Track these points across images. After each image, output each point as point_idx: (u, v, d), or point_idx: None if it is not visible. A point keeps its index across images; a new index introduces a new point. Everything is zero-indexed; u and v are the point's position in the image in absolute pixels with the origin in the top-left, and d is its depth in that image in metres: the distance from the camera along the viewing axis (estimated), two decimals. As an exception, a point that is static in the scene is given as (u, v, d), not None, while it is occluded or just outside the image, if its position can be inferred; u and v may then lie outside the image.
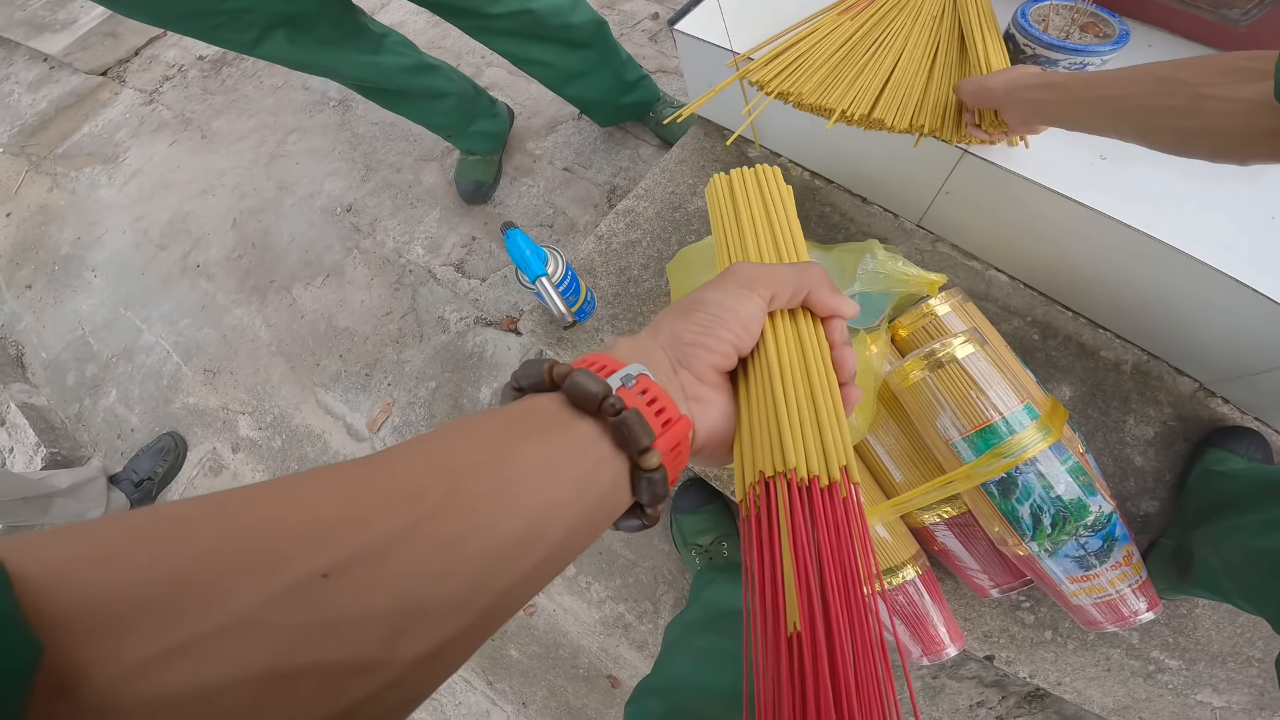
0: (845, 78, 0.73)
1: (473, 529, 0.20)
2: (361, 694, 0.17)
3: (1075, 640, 0.82)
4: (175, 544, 0.16)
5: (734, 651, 0.74)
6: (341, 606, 0.17)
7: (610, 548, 1.15)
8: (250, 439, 1.33)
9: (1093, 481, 0.67)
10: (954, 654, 0.76)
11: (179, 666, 0.15)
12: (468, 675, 1.18)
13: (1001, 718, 0.98)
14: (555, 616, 1.17)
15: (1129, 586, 0.68)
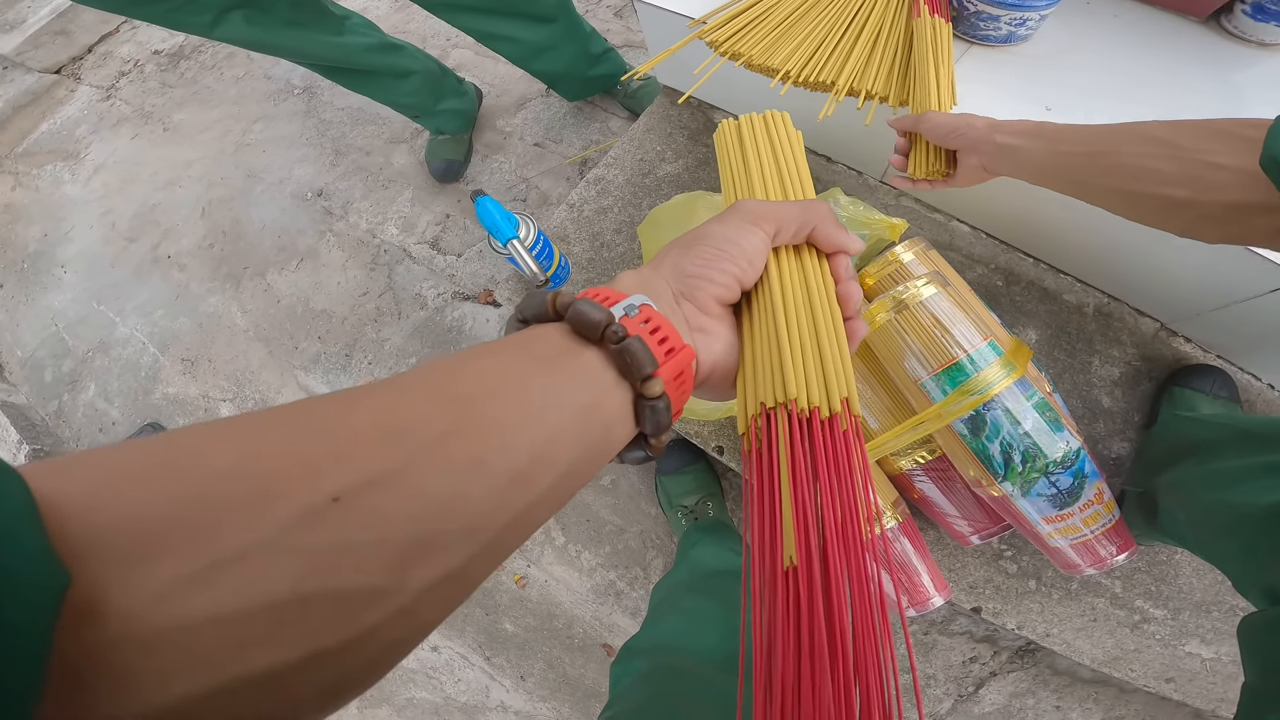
0: (794, 40, 0.73)
1: (480, 456, 0.20)
2: (373, 620, 0.17)
3: (1059, 590, 0.84)
4: (194, 470, 0.16)
5: (720, 612, 0.74)
6: (353, 531, 0.17)
7: (598, 514, 1.15)
8: None
9: (1059, 417, 0.69)
10: (940, 604, 0.77)
11: (200, 593, 0.15)
12: (465, 651, 1.19)
13: (995, 673, 0.99)
14: (548, 588, 1.18)
15: (1103, 526, 0.69)
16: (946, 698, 1.00)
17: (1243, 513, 0.57)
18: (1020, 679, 0.98)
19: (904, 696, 0.66)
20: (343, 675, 0.17)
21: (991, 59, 0.77)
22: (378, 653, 0.18)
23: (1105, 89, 0.75)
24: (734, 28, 0.77)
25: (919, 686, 1.01)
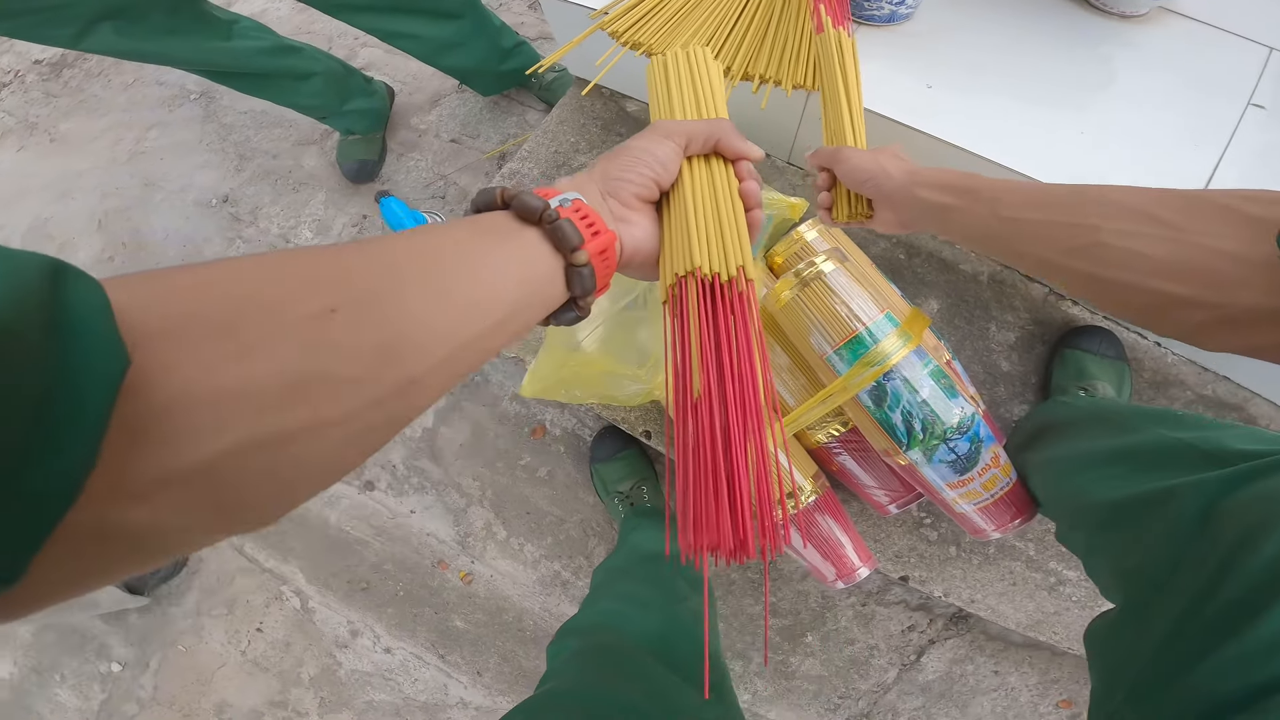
0: (690, 28, 0.74)
1: (446, 289, 0.27)
2: (356, 404, 0.22)
3: (979, 555, 0.88)
4: (227, 284, 0.21)
5: (655, 597, 0.76)
6: (344, 334, 0.22)
7: (537, 506, 1.16)
8: None
9: (954, 384, 0.72)
10: (865, 574, 0.80)
11: (231, 369, 0.19)
12: (418, 651, 1.19)
13: (933, 640, 1.05)
14: (494, 582, 1.18)
15: (1002, 489, 0.73)
16: (891, 667, 1.06)
17: (1083, 504, 0.60)
18: (957, 645, 1.04)
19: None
20: (334, 446, 0.22)
21: (876, 39, 0.80)
22: (360, 431, 0.23)
23: (984, 65, 0.78)
24: (633, 18, 0.77)
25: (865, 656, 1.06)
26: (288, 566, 1.25)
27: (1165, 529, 0.46)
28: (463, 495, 1.19)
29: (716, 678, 0.66)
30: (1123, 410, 0.69)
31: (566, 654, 0.66)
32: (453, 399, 1.19)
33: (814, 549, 0.83)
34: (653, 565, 0.87)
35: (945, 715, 1.05)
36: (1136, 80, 0.77)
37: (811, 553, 0.83)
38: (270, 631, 1.24)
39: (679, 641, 0.67)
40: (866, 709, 1.07)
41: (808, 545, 0.82)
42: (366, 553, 1.23)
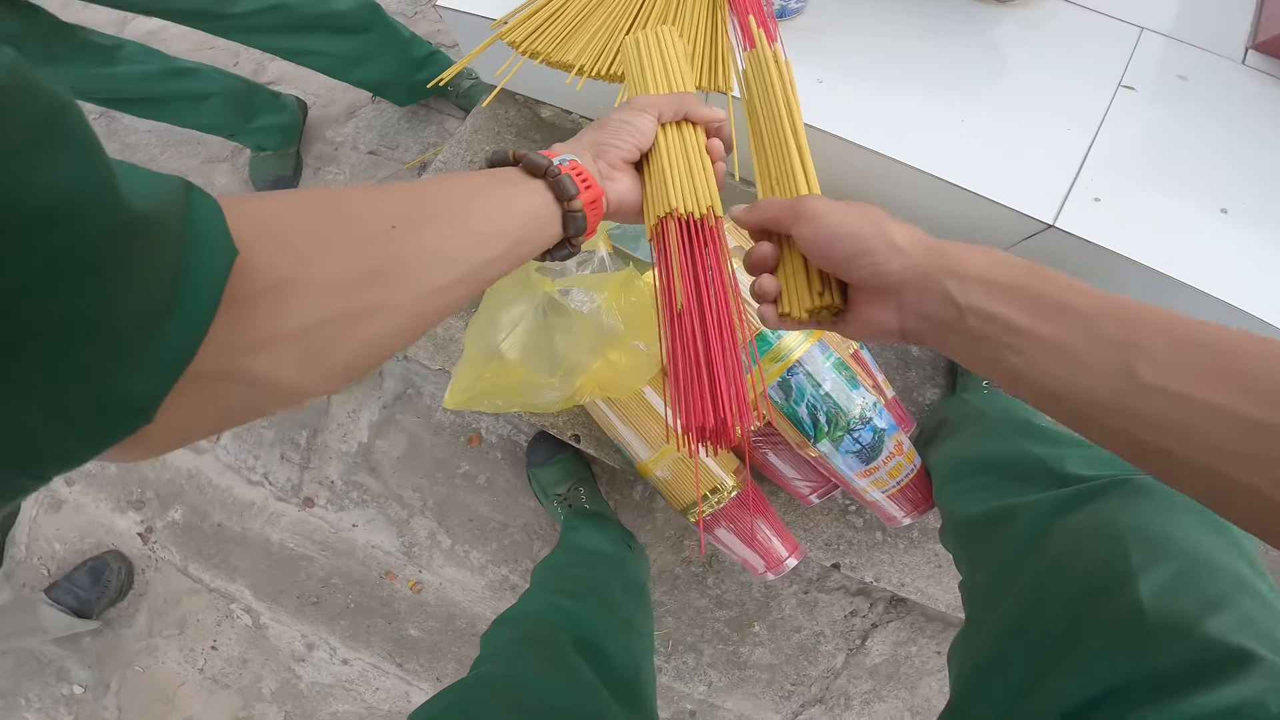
0: (585, 35, 0.74)
1: (467, 219, 0.34)
2: (407, 296, 0.30)
3: (904, 539, 0.91)
4: (318, 207, 0.30)
5: (590, 599, 0.78)
6: (401, 245, 0.30)
7: (479, 513, 1.17)
8: (84, 470, 1.27)
9: (856, 375, 0.76)
10: (794, 564, 0.84)
11: (321, 262, 0.27)
12: (375, 661, 1.20)
13: (875, 624, 1.09)
14: (443, 590, 1.19)
15: (907, 476, 0.77)
16: (838, 652, 1.10)
17: (950, 513, 0.65)
18: (899, 628, 1.09)
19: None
20: (392, 326, 0.30)
21: (769, 39, 0.81)
22: (410, 317, 0.31)
23: (874, 56, 0.80)
24: (530, 26, 0.77)
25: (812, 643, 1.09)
26: (234, 585, 1.25)
27: (1004, 548, 0.51)
28: (404, 506, 1.19)
29: (642, 693, 0.68)
30: (999, 412, 0.74)
31: (499, 641, 0.68)
32: (386, 412, 1.19)
33: (740, 541, 0.85)
34: (590, 565, 0.89)
35: (895, 697, 1.10)
36: (1015, 65, 0.80)
37: (738, 545, 0.85)
38: (225, 649, 1.24)
39: (609, 648, 0.69)
40: (819, 694, 1.11)
41: (733, 538, 0.84)
42: (312, 568, 1.23)
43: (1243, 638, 0.34)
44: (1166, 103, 0.77)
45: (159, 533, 1.26)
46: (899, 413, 0.84)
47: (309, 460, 1.21)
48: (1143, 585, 0.38)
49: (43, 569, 1.28)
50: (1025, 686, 0.39)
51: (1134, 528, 0.42)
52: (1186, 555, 0.39)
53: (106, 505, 1.28)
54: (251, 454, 1.23)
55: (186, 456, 1.26)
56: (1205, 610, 0.35)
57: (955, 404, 0.82)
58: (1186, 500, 0.39)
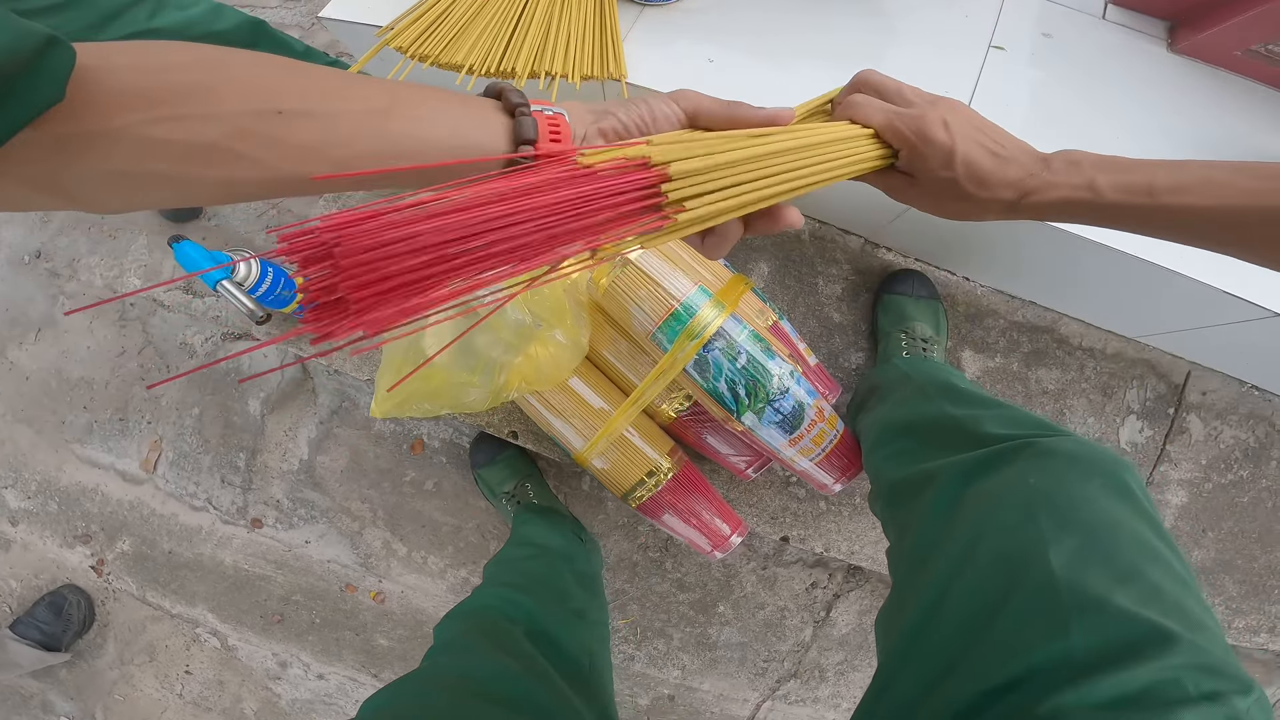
0: (473, 35, 0.73)
1: (386, 118, 0.32)
2: (251, 176, 0.30)
3: (847, 506, 0.92)
4: (186, 72, 0.29)
5: (542, 591, 0.78)
6: (276, 133, 0.29)
7: (431, 518, 1.16)
8: (25, 509, 1.26)
9: (771, 347, 0.76)
10: (738, 541, 0.84)
11: (170, 125, 0.27)
12: (350, 674, 1.22)
13: (837, 594, 1.10)
14: (406, 597, 1.19)
15: (831, 442, 0.77)
16: (805, 626, 1.11)
17: (877, 478, 0.65)
18: (860, 596, 1.10)
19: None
20: (214, 191, 0.30)
21: (656, 19, 0.80)
22: (248, 188, 0.31)
23: (760, 31, 0.80)
24: (417, 30, 0.76)
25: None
26: (195, 610, 1.25)
27: (923, 515, 0.51)
28: (354, 519, 1.18)
29: (597, 680, 0.69)
30: (923, 375, 0.74)
31: (453, 633, 0.68)
32: (324, 427, 1.17)
33: (681, 521, 0.86)
34: (540, 558, 0.89)
35: (869, 665, 1.12)
36: (893, 32, 0.80)
37: (681, 525, 0.86)
38: (199, 672, 1.25)
39: (561, 637, 0.69)
40: (793, 669, 1.13)
41: (675, 521, 0.85)
42: (272, 587, 1.22)
43: (1154, 612, 0.34)
44: (1036, 62, 0.78)
45: (110, 564, 1.26)
46: (823, 378, 0.84)
47: (250, 482, 1.20)
48: (1053, 556, 0.38)
49: (3, 606, 1.28)
50: (948, 663, 0.39)
51: (1043, 493, 0.42)
52: (1094, 523, 0.39)
53: (53, 541, 1.27)
54: (191, 480, 1.22)
55: (124, 487, 1.24)
56: (1116, 582, 0.36)
57: (884, 370, 0.83)
58: (1092, 462, 0.44)
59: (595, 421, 0.84)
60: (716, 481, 0.93)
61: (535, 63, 0.73)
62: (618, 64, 0.75)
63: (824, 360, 0.92)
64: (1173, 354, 0.95)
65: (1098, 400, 0.93)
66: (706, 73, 0.77)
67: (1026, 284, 0.90)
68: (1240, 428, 0.96)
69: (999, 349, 0.93)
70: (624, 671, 1.14)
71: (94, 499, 1.25)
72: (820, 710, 1.14)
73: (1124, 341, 0.94)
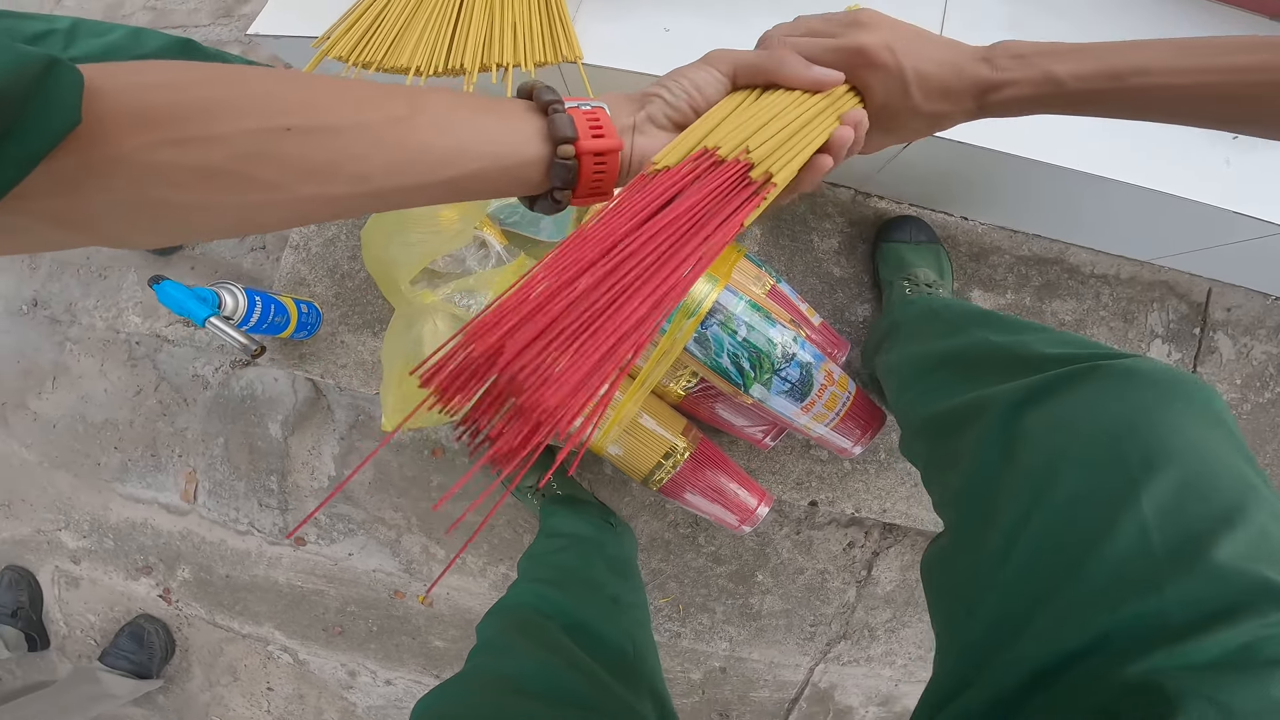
0: (413, 35, 0.71)
1: (410, 131, 0.31)
2: (259, 199, 0.29)
3: (873, 463, 0.90)
4: (184, 91, 0.27)
5: (575, 570, 0.80)
6: (286, 151, 0.28)
7: (465, 519, 1.18)
8: (83, 548, 1.32)
9: (770, 315, 0.73)
10: (765, 513, 0.84)
11: (173, 150, 0.26)
12: (415, 677, 1.27)
13: (876, 552, 1.08)
14: (452, 599, 1.23)
15: (845, 404, 0.75)
16: (847, 587, 1.10)
17: (915, 416, 0.60)
18: (900, 552, 1.08)
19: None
20: (228, 223, 0.30)
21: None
22: (254, 217, 0.30)
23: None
24: (354, 37, 0.74)
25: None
26: (263, 628, 1.31)
27: (976, 449, 0.45)
28: (390, 528, 1.21)
29: (643, 665, 0.69)
30: (953, 309, 0.70)
31: (492, 631, 0.69)
32: (345, 443, 1.20)
33: (705, 499, 0.85)
34: (571, 549, 0.90)
35: (919, 621, 1.11)
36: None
37: (705, 503, 0.85)
38: (280, 688, 1.32)
39: (599, 628, 0.70)
40: (841, 630, 1.13)
41: (698, 499, 0.84)
42: (327, 601, 1.27)
43: (1260, 563, 0.31)
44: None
45: (176, 592, 1.32)
46: (829, 338, 0.82)
47: (286, 503, 1.23)
48: (1145, 498, 0.34)
49: (88, 640, 1.36)
50: (1022, 617, 0.35)
51: (1127, 423, 0.37)
52: (1188, 457, 0.35)
53: (118, 575, 1.33)
54: (231, 506, 1.26)
55: (171, 519, 1.30)
56: (1216, 527, 0.32)
57: (905, 307, 0.79)
58: (1177, 386, 0.39)
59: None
60: (736, 454, 0.91)
61: (484, 56, 0.71)
62: (570, 46, 0.71)
63: (829, 317, 0.89)
64: (1190, 273, 0.90)
65: (1119, 327, 0.88)
66: (665, 43, 0.73)
67: (1028, 217, 0.86)
68: (1271, 342, 0.91)
69: (1009, 285, 0.89)
70: (672, 649, 1.16)
71: (145, 533, 1.30)
72: (875, 668, 1.14)
73: (1137, 265, 0.89)
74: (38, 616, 1.35)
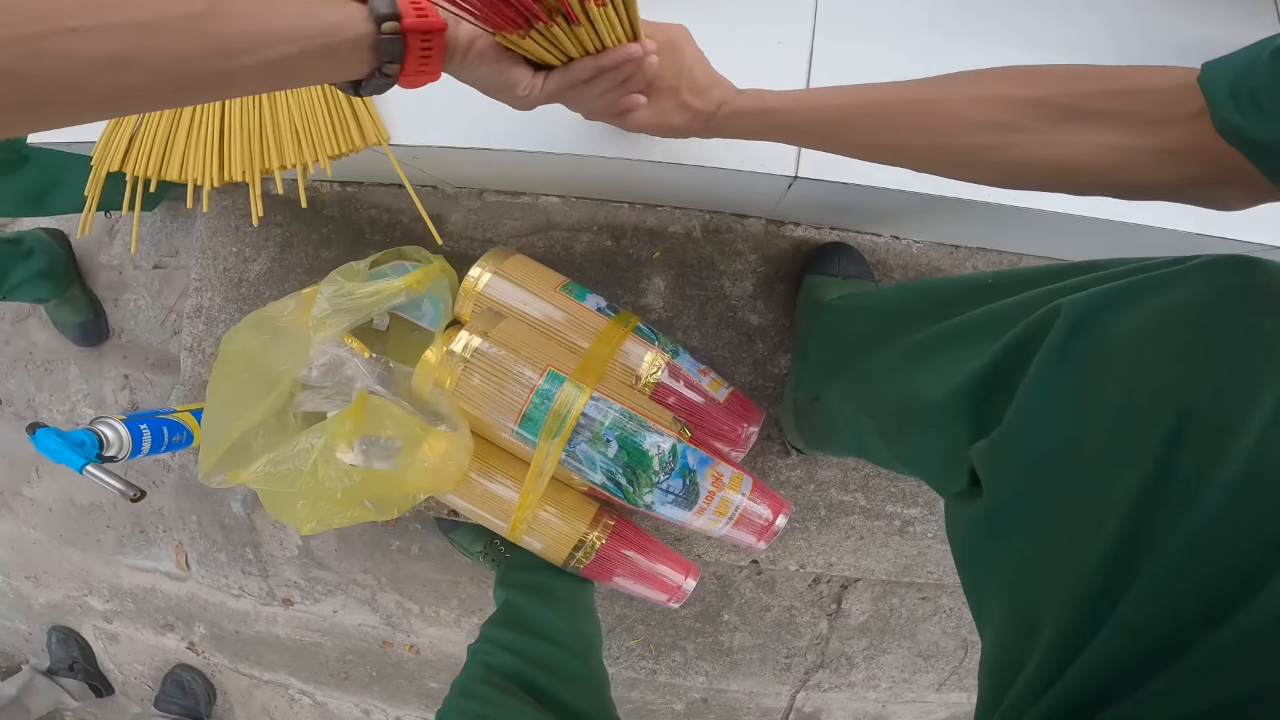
0: (179, 146, 0.63)
1: (209, 28, 0.31)
2: (60, 94, 0.29)
3: (813, 520, 0.83)
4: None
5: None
6: (72, 49, 0.28)
7: (429, 578, 1.19)
8: (111, 610, 1.40)
9: (646, 421, 0.65)
10: (693, 585, 0.79)
11: None
12: (423, 714, 1.32)
13: (845, 585, 1.02)
14: (436, 645, 1.25)
15: (738, 509, 0.68)
16: (818, 620, 1.05)
17: (921, 403, 0.47)
18: (870, 585, 1.02)
19: None
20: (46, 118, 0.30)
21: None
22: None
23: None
24: (119, 148, 0.67)
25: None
26: (279, 675, 1.37)
27: (1046, 375, 0.35)
28: (364, 588, 1.23)
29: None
30: (901, 296, 0.60)
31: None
32: (299, 516, 1.19)
33: (630, 581, 0.81)
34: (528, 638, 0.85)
35: (898, 647, 1.06)
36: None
37: (631, 584, 0.81)
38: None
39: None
40: (817, 661, 1.09)
41: (623, 579, 0.80)
42: (326, 651, 1.32)
43: None
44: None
45: (200, 645, 1.39)
46: (738, 411, 0.72)
47: (265, 570, 1.26)
48: None
49: (144, 685, 1.46)
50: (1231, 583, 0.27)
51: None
52: None
53: (148, 631, 1.42)
54: (221, 574, 1.30)
55: (174, 585, 1.35)
56: None
57: (847, 318, 0.67)
58: None
59: (505, 509, 0.78)
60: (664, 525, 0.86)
61: (266, 161, 0.63)
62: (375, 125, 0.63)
63: (750, 373, 0.80)
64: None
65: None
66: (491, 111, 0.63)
67: (967, 229, 0.73)
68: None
69: (958, 312, 0.76)
70: (650, 684, 1.15)
71: (157, 597, 1.37)
72: (859, 692, 1.10)
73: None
74: (94, 667, 1.47)
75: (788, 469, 0.84)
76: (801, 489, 0.84)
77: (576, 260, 0.80)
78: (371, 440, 0.72)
